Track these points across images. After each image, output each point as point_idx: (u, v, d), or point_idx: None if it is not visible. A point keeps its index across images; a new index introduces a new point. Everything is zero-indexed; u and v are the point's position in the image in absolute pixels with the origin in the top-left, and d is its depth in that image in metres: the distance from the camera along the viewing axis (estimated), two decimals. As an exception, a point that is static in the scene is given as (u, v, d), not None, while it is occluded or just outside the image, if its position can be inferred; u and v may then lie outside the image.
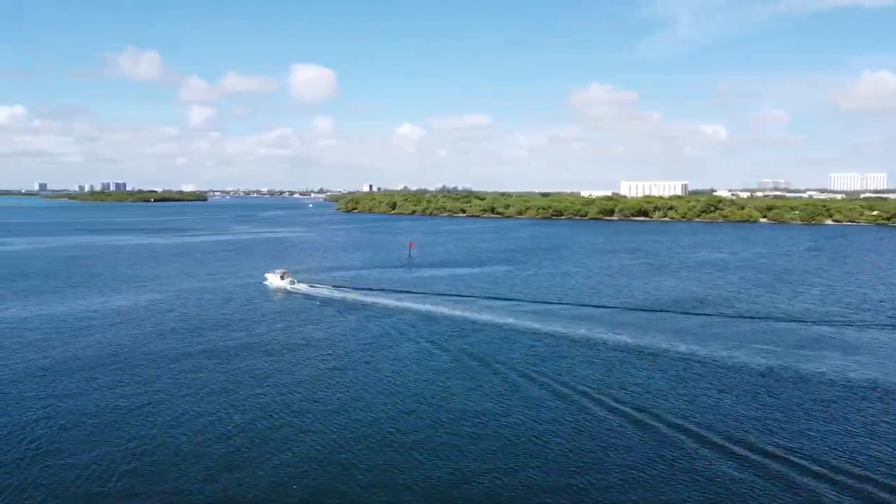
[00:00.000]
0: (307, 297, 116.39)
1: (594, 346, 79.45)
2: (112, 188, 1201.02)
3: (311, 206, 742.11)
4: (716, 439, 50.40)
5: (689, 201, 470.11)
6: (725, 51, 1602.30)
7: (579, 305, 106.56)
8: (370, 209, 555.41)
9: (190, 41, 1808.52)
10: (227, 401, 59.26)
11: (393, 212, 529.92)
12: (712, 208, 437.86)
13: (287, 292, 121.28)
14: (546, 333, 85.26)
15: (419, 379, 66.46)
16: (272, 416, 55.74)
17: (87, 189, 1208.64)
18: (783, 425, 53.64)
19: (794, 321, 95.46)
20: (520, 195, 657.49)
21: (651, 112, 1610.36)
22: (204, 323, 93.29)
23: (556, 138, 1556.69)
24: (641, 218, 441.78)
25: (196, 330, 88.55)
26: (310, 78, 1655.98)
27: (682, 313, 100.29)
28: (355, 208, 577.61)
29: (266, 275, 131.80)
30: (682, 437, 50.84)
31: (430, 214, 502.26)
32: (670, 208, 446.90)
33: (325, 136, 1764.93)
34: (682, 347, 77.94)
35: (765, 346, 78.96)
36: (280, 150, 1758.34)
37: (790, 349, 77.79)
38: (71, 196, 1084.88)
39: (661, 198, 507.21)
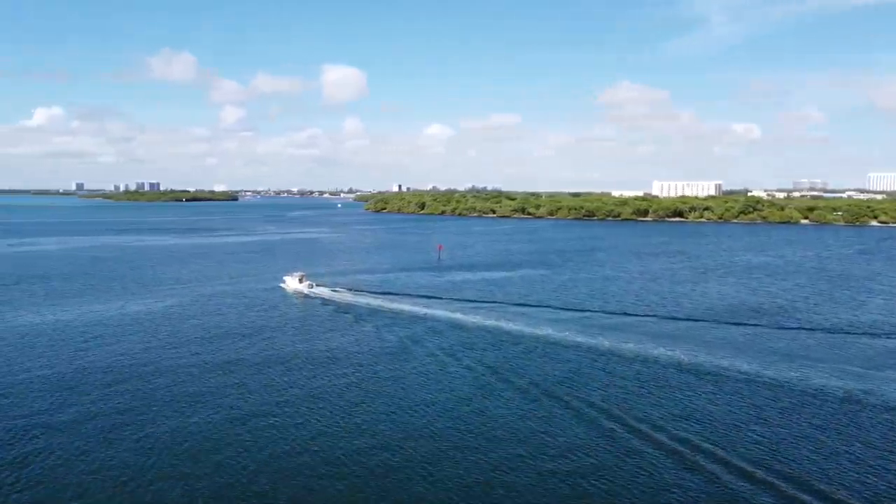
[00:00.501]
0: (326, 302, 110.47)
1: (645, 362, 71.65)
2: (146, 188, 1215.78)
3: (339, 206, 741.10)
4: (806, 495, 42.49)
5: (726, 202, 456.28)
6: (758, 49, 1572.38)
7: (623, 314, 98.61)
8: (399, 209, 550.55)
9: (222, 43, 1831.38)
10: (244, 429, 52.74)
11: (422, 212, 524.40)
12: (751, 209, 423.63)
13: (305, 297, 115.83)
14: (589, 347, 77.67)
15: (449, 400, 59.52)
16: (295, 448, 49.10)
17: (122, 189, 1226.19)
18: (887, 469, 45.53)
19: (864, 334, 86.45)
20: (550, 195, 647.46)
21: (682, 111, 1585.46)
22: (219, 332, 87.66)
23: (586, 138, 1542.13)
24: (676, 219, 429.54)
25: (210, 340, 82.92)
26: (340, 78, 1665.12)
27: (737, 324, 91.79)
28: (384, 208, 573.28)
29: (284, 278, 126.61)
30: (766, 491, 43.03)
31: (460, 215, 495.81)
32: (707, 209, 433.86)
33: (355, 136, 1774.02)
34: (745, 366, 69.75)
35: (838, 365, 70.41)
36: (310, 150, 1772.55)
37: (868, 369, 69.15)
38: (106, 196, 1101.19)
39: (696, 198, 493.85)
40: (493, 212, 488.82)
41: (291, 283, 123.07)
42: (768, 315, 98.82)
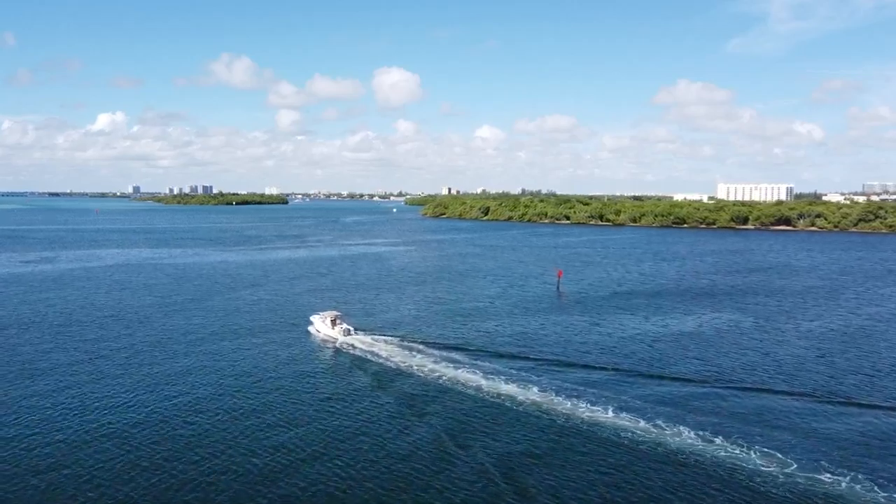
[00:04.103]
0: (360, 360, 73.64)
1: None
2: (200, 191, 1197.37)
3: (394, 210, 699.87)
4: None
5: (839, 207, 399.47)
6: (826, 46, 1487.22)
7: None
8: (460, 215, 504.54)
9: (278, 47, 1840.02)
10: None
11: (485, 218, 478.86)
12: (871, 216, 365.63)
13: (336, 350, 79.24)
14: None
15: None
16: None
17: (175, 192, 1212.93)
18: None
19: None
20: (611, 199, 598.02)
21: (744, 111, 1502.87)
22: (208, 417, 49.16)
23: (643, 139, 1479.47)
24: (782, 227, 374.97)
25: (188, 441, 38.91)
26: (395, 81, 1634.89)
27: None
28: (443, 213, 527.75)
29: (312, 318, 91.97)
30: None
31: (529, 221, 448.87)
32: (818, 216, 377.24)
33: (406, 139, 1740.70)
34: None
35: None
36: (362, 153, 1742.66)
37: None
38: (157, 199, 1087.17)
39: (800, 203, 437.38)
40: (567, 218, 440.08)
41: (321, 325, 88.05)
42: None
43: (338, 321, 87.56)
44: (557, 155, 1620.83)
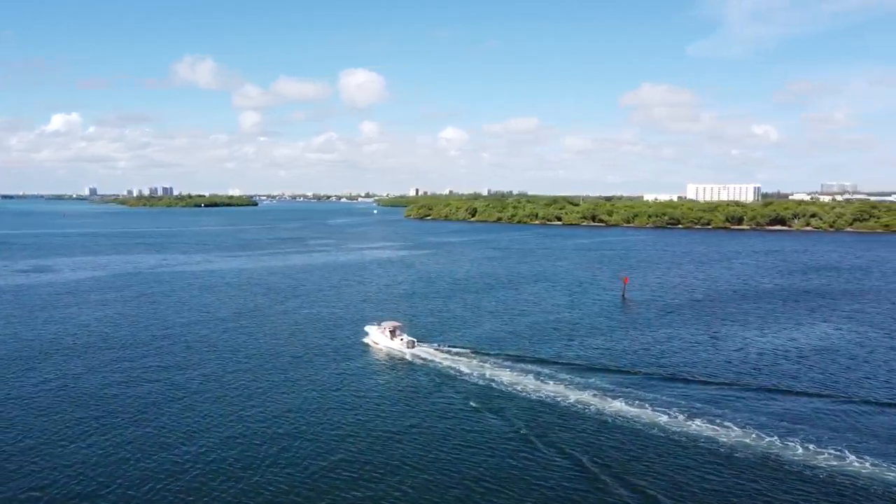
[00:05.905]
0: (439, 377, 66.38)
1: None
2: (160, 192, 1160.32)
3: (375, 212, 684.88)
4: None
5: (833, 207, 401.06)
6: (786, 50, 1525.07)
7: None
8: (446, 216, 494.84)
9: (243, 49, 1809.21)
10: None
11: (473, 219, 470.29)
12: (866, 216, 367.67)
13: (409, 364, 72.15)
14: None
15: None
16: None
17: (134, 193, 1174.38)
18: None
19: None
20: (586, 199, 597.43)
21: (706, 113, 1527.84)
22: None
23: (607, 140, 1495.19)
24: (778, 227, 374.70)
25: None
26: (359, 82, 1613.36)
27: None
28: (428, 215, 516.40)
29: (367, 328, 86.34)
30: None
31: (519, 222, 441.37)
32: (813, 216, 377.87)
33: (372, 140, 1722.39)
34: None
35: None
36: (327, 154, 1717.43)
37: None
38: (119, 201, 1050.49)
39: (792, 202, 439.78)
40: (559, 219, 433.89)
41: (379, 336, 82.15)
42: None
43: (397, 332, 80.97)
44: (523, 156, 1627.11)
